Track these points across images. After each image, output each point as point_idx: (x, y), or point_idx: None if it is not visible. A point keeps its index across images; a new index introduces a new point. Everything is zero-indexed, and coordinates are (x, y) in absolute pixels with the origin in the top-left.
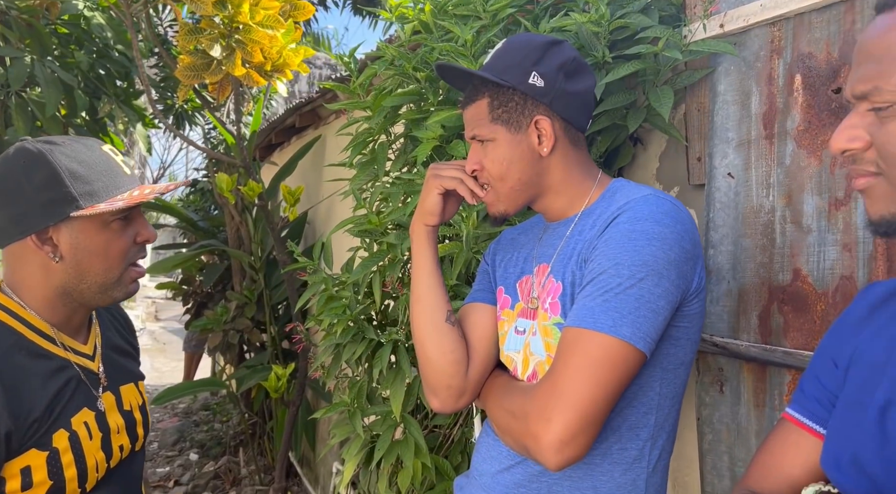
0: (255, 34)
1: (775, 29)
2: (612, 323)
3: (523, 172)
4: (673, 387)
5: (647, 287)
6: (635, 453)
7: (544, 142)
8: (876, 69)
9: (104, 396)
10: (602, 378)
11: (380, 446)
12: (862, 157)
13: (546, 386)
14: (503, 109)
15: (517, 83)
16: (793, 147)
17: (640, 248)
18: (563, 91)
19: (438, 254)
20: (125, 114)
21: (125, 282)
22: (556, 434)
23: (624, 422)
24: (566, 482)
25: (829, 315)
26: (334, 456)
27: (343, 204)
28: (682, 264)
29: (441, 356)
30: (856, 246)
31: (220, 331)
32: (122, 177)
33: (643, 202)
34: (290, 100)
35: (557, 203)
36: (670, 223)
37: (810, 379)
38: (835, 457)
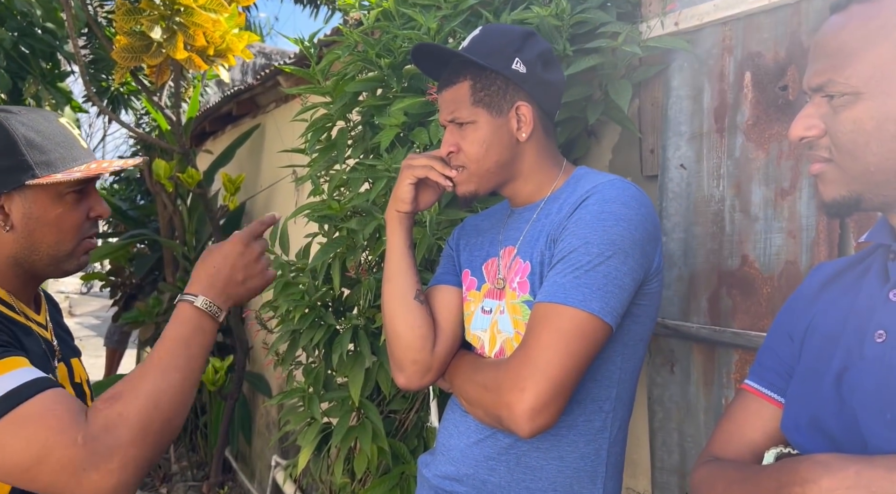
0: (197, 17)
1: (727, 28)
2: (581, 298)
3: (500, 155)
4: (632, 362)
5: (614, 264)
6: (598, 424)
7: (523, 127)
8: (829, 63)
9: (59, 367)
10: (573, 349)
11: (337, 431)
12: (817, 144)
13: (519, 358)
14: (485, 93)
15: (501, 68)
16: (742, 140)
17: (609, 228)
18: (541, 79)
19: (411, 239)
20: (52, 95)
21: (77, 255)
22: (528, 402)
23: (588, 395)
24: (535, 453)
25: (775, 297)
26: (273, 450)
27: (284, 194)
28: (645, 244)
29: (409, 330)
30: (800, 232)
31: (151, 323)
32: (79, 149)
33: (611, 186)
34: (223, 87)
35: (526, 188)
36: (636, 206)
37: (767, 353)
38: (794, 421)
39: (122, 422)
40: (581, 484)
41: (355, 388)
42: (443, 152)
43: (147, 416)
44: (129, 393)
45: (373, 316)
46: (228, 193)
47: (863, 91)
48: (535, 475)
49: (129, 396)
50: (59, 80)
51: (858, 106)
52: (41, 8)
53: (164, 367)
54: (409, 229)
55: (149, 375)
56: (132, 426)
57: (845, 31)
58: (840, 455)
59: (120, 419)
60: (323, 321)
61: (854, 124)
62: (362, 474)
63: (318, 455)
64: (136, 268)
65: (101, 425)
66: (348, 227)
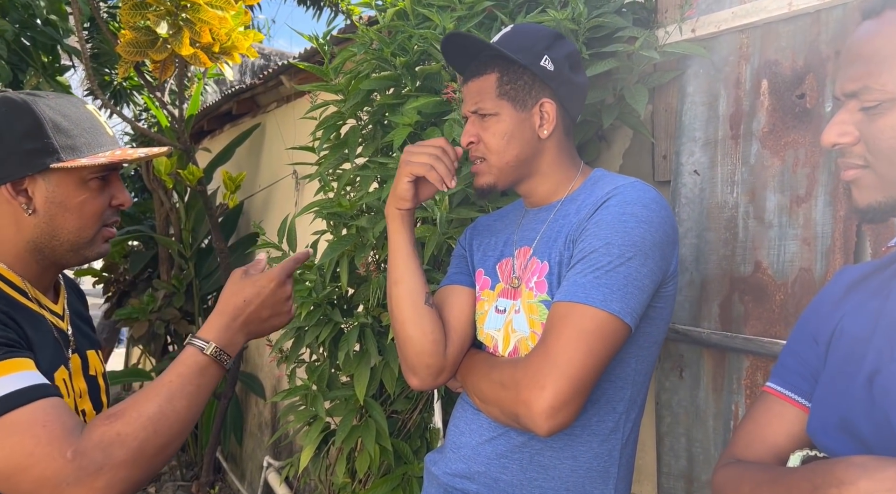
0: (204, 14)
1: (744, 36)
2: (602, 298)
3: (521, 150)
4: (646, 364)
5: (634, 266)
6: (612, 425)
7: (545, 124)
8: (864, 70)
9: (72, 358)
10: (593, 348)
11: (341, 429)
12: (851, 151)
13: (538, 356)
14: (511, 86)
15: (529, 63)
16: (757, 147)
17: (630, 230)
18: (568, 79)
19: (415, 236)
20: (52, 88)
21: (98, 242)
22: (548, 400)
23: (602, 395)
24: (548, 452)
25: (788, 304)
26: (264, 451)
27: (283, 193)
28: (664, 247)
29: (422, 336)
30: (815, 240)
31: (145, 321)
32: (105, 136)
33: (631, 188)
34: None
35: (543, 187)
36: (656, 208)
37: (791, 355)
38: (822, 423)
39: (118, 442)
40: (593, 484)
41: (360, 387)
42: (463, 142)
43: (145, 439)
44: (132, 412)
45: (379, 315)
46: (228, 191)
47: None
48: (547, 474)
49: (130, 416)
50: (59, 74)
51: (895, 112)
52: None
53: (172, 393)
54: (411, 226)
55: (155, 399)
56: (128, 447)
57: (880, 36)
58: (877, 457)
59: (117, 438)
60: (329, 319)
61: (893, 130)
62: (364, 474)
63: (317, 455)
64: (131, 265)
65: (96, 442)
66: (358, 225)
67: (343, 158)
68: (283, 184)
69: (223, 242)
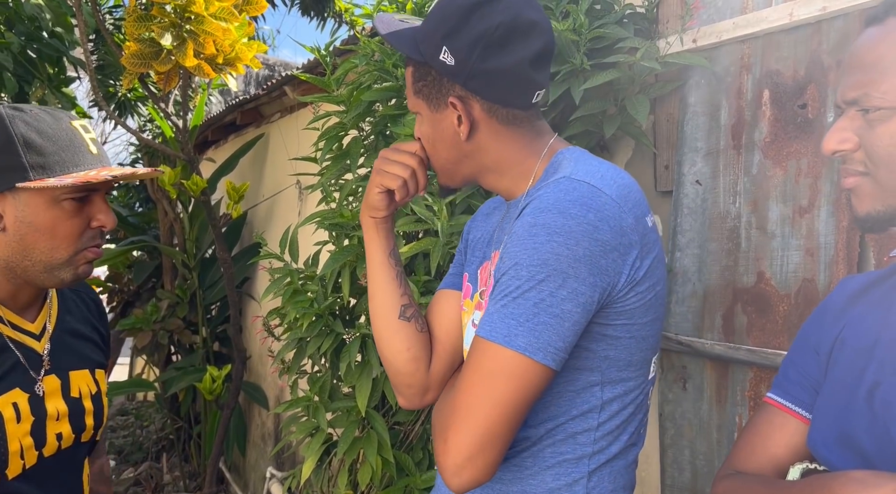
0: (208, 25)
1: (745, 46)
2: (506, 333)
3: (448, 152)
4: (622, 389)
5: (547, 289)
6: (571, 458)
7: (462, 123)
8: (865, 77)
9: (46, 380)
10: (497, 395)
11: (343, 441)
12: (851, 158)
13: (447, 402)
14: (422, 83)
15: (429, 58)
16: (759, 157)
17: (540, 246)
18: (479, 70)
19: (392, 244)
20: (58, 100)
21: (75, 264)
22: (450, 455)
23: (558, 427)
24: (497, 484)
25: (791, 315)
26: (267, 462)
27: (286, 204)
28: (597, 258)
29: (395, 355)
30: (818, 250)
31: (149, 331)
32: (85, 154)
33: (553, 188)
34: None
35: (501, 183)
36: (578, 212)
37: (792, 366)
38: (822, 436)
39: None
40: None
41: (362, 398)
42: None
43: None
44: None
45: None
46: (232, 201)
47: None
48: None
49: None
50: (65, 85)
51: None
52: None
53: None
54: (387, 234)
55: None
56: None
57: (883, 44)
58: (876, 472)
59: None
60: (331, 329)
61: (892, 138)
62: (366, 486)
63: (319, 466)
64: (135, 275)
65: None
66: (359, 236)
67: (345, 169)
68: (287, 194)
69: (226, 252)
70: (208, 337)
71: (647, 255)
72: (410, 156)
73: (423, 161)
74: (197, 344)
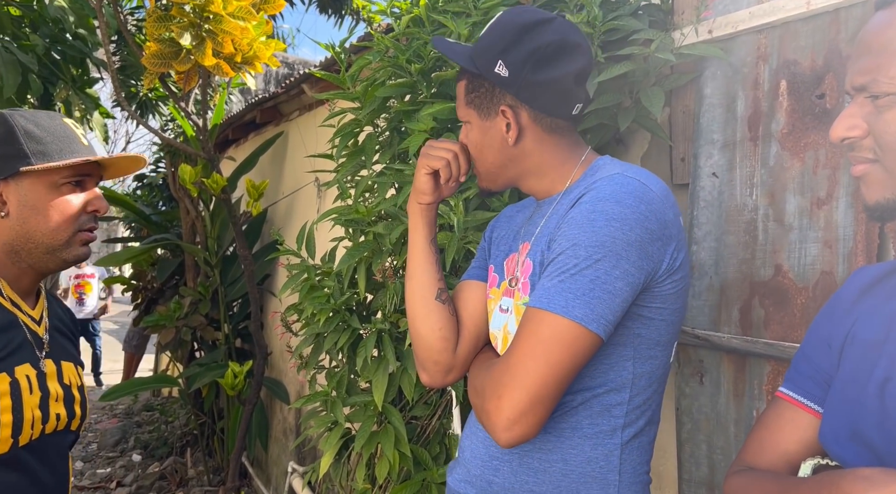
0: (226, 24)
1: (762, 36)
2: (564, 304)
3: (495, 157)
4: (650, 367)
5: (603, 268)
6: (607, 429)
7: (510, 131)
8: (874, 62)
9: (46, 361)
10: (553, 359)
11: (360, 435)
12: (860, 145)
13: (501, 365)
14: (475, 94)
15: (485, 71)
16: (777, 149)
17: (598, 229)
18: (530, 81)
19: (434, 233)
20: (81, 101)
21: (75, 244)
22: (504, 411)
23: (594, 398)
24: (537, 453)
25: (810, 308)
26: (289, 457)
27: (305, 201)
28: (646, 244)
29: (429, 332)
30: (836, 242)
31: (172, 328)
32: (78, 145)
33: (608, 181)
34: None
35: (541, 184)
36: (632, 203)
37: (803, 360)
38: (834, 431)
39: None
40: (589, 490)
41: (379, 393)
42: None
43: None
44: None
45: (397, 320)
46: (252, 199)
47: None
48: (538, 477)
49: None
50: (88, 86)
51: None
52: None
53: None
54: (431, 222)
55: None
56: None
57: (892, 28)
58: (885, 470)
59: None
60: (347, 325)
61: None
62: (383, 480)
63: (338, 461)
64: (158, 273)
65: None
66: (375, 232)
67: (360, 165)
68: (306, 191)
69: (247, 249)
70: (230, 334)
71: (682, 248)
72: (453, 144)
73: (465, 148)
74: (219, 341)
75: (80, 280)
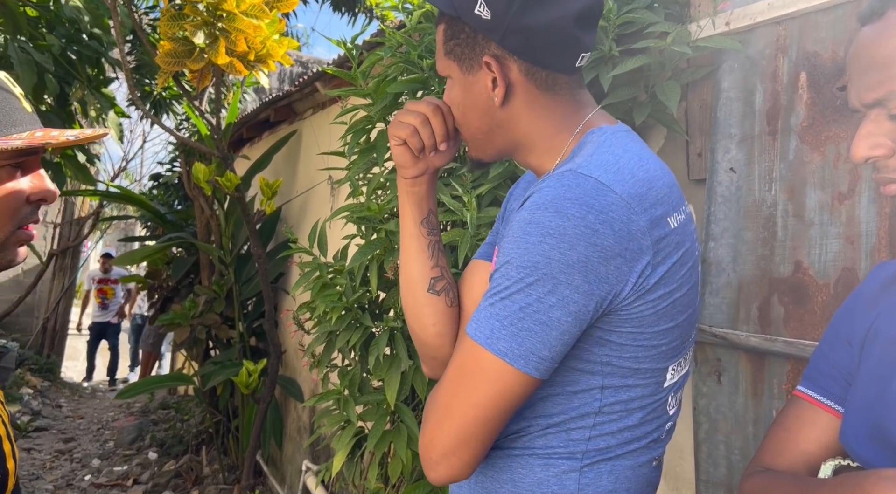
0: (239, 23)
1: (781, 28)
2: (489, 334)
3: (480, 121)
4: (627, 395)
5: (535, 294)
6: (563, 451)
7: (497, 89)
8: (884, 75)
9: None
10: (475, 396)
11: (372, 434)
12: (886, 165)
13: (432, 396)
14: (454, 42)
15: (462, 11)
16: (796, 143)
17: (532, 246)
18: (518, 26)
19: (426, 212)
20: (97, 100)
21: (10, 247)
22: (428, 451)
23: (549, 421)
24: (490, 471)
25: (830, 306)
26: (303, 455)
27: (319, 198)
28: (594, 265)
29: (421, 329)
30: (859, 238)
31: (187, 326)
32: (20, 112)
33: (555, 182)
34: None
35: (531, 160)
36: (577, 213)
37: (823, 358)
38: (855, 431)
39: None
40: None
41: (391, 391)
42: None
43: None
44: None
45: None
46: (265, 197)
47: None
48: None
49: None
50: (104, 86)
51: None
52: (89, 14)
53: None
54: (420, 198)
55: None
56: None
57: (893, 39)
58: None
59: None
60: (360, 323)
61: None
62: (396, 479)
63: (351, 460)
64: (173, 271)
65: None
66: (387, 229)
67: (372, 162)
68: (319, 189)
69: (261, 248)
70: (245, 332)
71: (665, 261)
72: (427, 105)
73: (438, 109)
74: (234, 339)
75: (103, 285)
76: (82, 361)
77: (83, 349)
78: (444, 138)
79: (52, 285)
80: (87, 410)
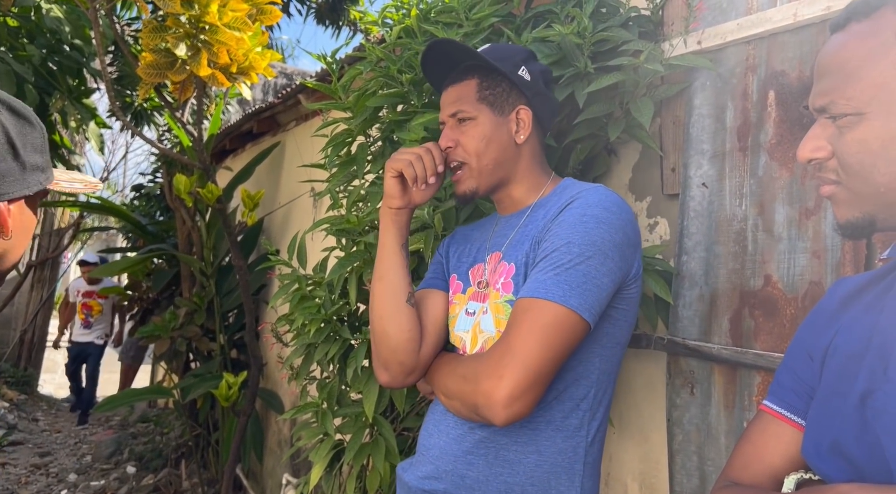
0: (222, 35)
1: (750, 47)
2: (561, 294)
3: (499, 153)
4: (610, 364)
5: (593, 264)
6: (576, 422)
7: (521, 130)
8: (831, 83)
9: None
10: (551, 341)
11: (350, 447)
12: (826, 166)
13: (499, 349)
14: (491, 92)
15: (509, 72)
16: (766, 159)
17: (590, 230)
18: (542, 92)
19: (405, 239)
20: (77, 111)
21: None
22: (506, 389)
23: (565, 393)
24: (513, 446)
25: (799, 318)
26: (283, 468)
27: (301, 211)
28: (624, 248)
29: (398, 332)
30: (825, 253)
31: (167, 338)
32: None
33: (594, 191)
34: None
35: (517, 191)
36: (616, 211)
37: (786, 372)
38: (815, 445)
39: None
40: (558, 480)
41: (369, 404)
42: (442, 145)
43: None
44: None
45: None
46: (247, 209)
47: (865, 111)
48: (512, 469)
49: None
50: (85, 96)
51: (862, 126)
52: (70, 25)
53: None
54: (402, 227)
55: None
56: None
57: (845, 49)
58: (863, 485)
59: None
60: (338, 335)
61: (860, 145)
62: (374, 492)
63: (329, 472)
64: (154, 283)
65: None
66: (366, 242)
67: (352, 175)
68: (302, 201)
69: (242, 260)
70: (225, 344)
71: (640, 256)
72: (420, 149)
73: (429, 151)
74: (214, 352)
75: (89, 298)
76: (60, 374)
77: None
78: (434, 172)
79: (31, 297)
80: (64, 424)
